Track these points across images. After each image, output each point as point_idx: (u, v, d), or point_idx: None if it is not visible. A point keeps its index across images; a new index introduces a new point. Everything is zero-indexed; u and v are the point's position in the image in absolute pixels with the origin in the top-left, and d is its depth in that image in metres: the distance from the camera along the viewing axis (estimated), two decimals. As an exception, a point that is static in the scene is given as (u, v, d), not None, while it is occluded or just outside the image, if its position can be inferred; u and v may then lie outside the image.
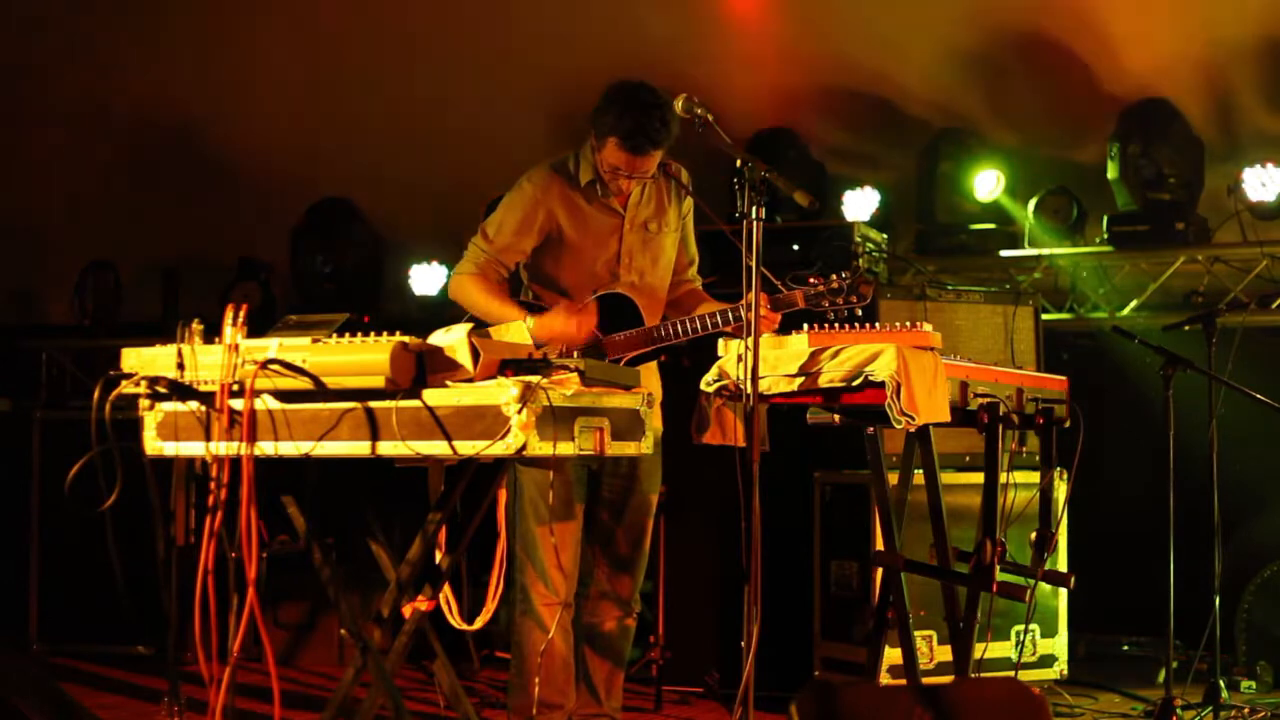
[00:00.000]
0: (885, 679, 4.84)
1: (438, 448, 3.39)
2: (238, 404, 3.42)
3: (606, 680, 4.62)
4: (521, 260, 4.53)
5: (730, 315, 4.33)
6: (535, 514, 4.39)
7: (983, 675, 4.62)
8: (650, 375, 4.55)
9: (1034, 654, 5.48)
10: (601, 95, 4.38)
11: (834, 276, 4.20)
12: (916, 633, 4.69)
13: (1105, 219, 6.52)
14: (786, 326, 4.03)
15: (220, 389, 3.42)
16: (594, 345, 4.41)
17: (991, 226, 6.77)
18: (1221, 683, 5.16)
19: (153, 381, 3.49)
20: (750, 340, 3.62)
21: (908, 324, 3.89)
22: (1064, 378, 4.40)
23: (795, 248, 5.96)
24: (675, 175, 4.57)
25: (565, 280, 4.51)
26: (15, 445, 6.83)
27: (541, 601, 4.42)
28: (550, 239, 4.49)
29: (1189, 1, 6.70)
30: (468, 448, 3.37)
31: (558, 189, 4.47)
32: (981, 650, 4.41)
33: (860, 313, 4.19)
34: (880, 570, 4.40)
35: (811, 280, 4.19)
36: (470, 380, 3.43)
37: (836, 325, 3.98)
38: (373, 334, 3.44)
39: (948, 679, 4.48)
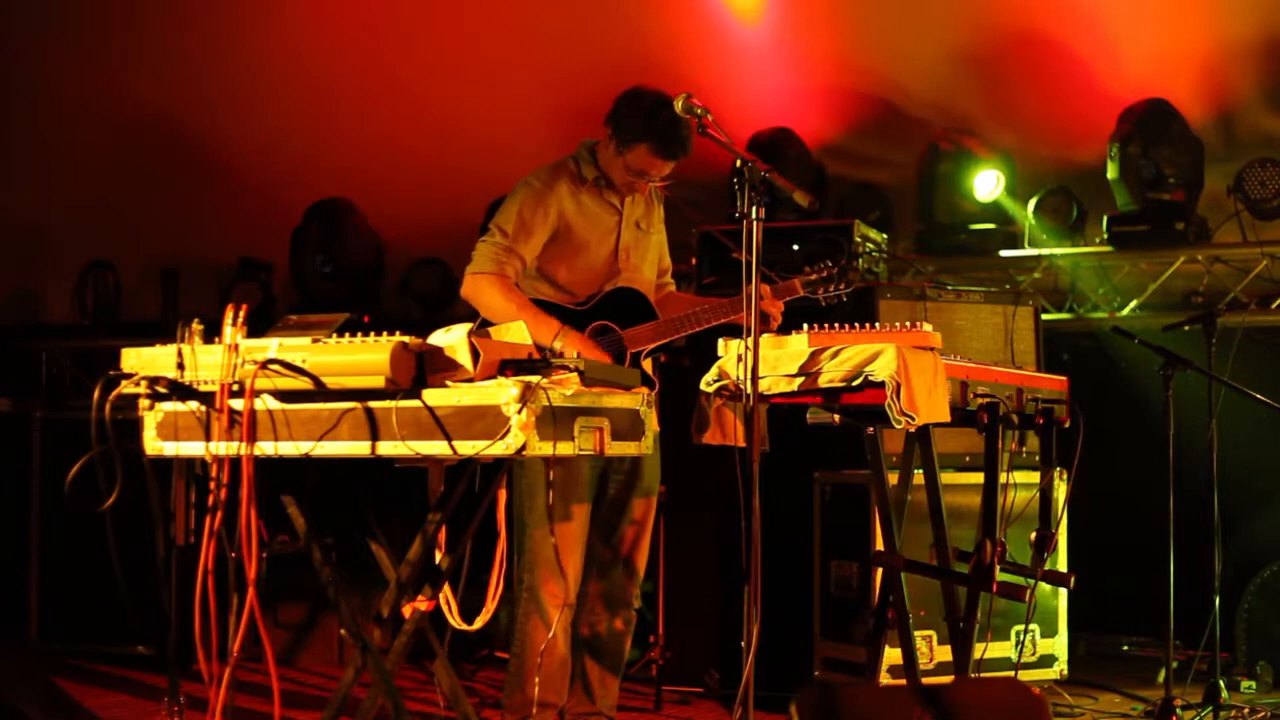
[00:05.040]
0: (885, 679, 4.84)
1: (438, 448, 3.39)
2: (238, 404, 3.42)
3: (601, 680, 4.63)
4: (535, 256, 4.54)
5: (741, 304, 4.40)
6: (546, 514, 4.39)
7: (983, 675, 4.62)
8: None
9: (1034, 654, 5.48)
10: (623, 101, 4.50)
11: (820, 266, 4.50)
12: (916, 633, 4.69)
13: (1105, 219, 6.52)
14: (786, 325, 4.03)
15: (220, 389, 3.42)
16: (614, 341, 4.46)
17: (991, 226, 6.77)
18: (1221, 683, 5.16)
19: (153, 381, 3.49)
20: (750, 340, 3.62)
21: (908, 324, 3.89)
22: (1064, 378, 4.39)
23: (795, 248, 5.96)
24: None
25: (567, 276, 4.57)
26: (15, 445, 6.82)
27: (551, 602, 4.43)
28: (557, 235, 4.55)
29: (1189, 1, 6.70)
30: (468, 448, 3.37)
31: (564, 186, 4.55)
32: (981, 650, 4.41)
33: (847, 298, 4.51)
34: (880, 570, 4.40)
35: (806, 269, 4.49)
36: (470, 380, 3.43)
37: (837, 325, 3.98)
38: (373, 334, 3.44)
39: (948, 679, 4.48)
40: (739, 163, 3.73)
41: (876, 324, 3.96)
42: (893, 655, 4.81)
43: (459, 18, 7.69)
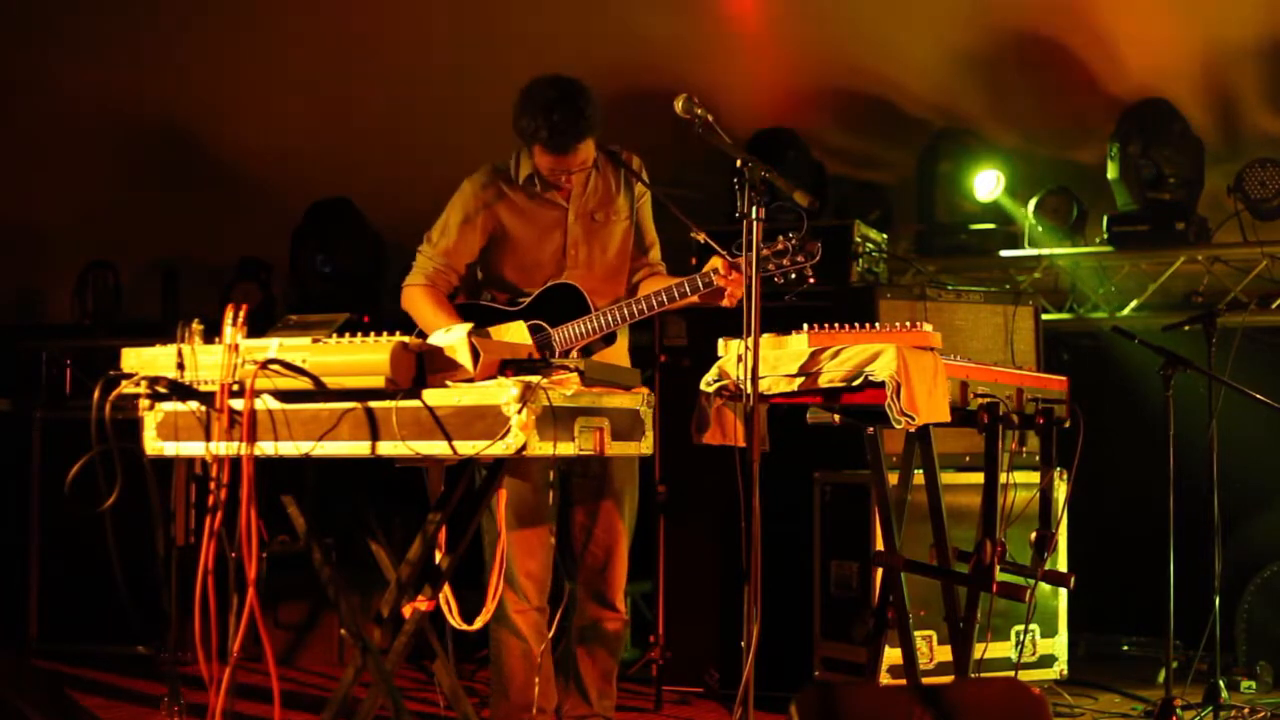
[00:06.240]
0: (885, 679, 4.84)
1: (438, 448, 3.40)
2: (238, 404, 3.42)
3: (597, 682, 4.61)
4: (471, 261, 4.56)
5: (686, 287, 4.36)
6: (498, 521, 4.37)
7: (983, 675, 4.62)
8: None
9: (1034, 654, 5.48)
10: (515, 104, 4.42)
11: (780, 238, 4.17)
12: (916, 633, 4.69)
13: (1105, 219, 6.51)
14: (786, 326, 4.02)
15: (220, 389, 3.42)
16: (543, 341, 4.42)
17: (991, 226, 6.77)
18: (1221, 683, 5.16)
19: (153, 381, 3.49)
20: (750, 340, 3.62)
21: (908, 324, 3.89)
22: (1064, 378, 4.39)
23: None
24: (626, 163, 4.59)
25: (513, 276, 4.55)
26: (15, 445, 6.82)
27: (513, 609, 4.44)
28: (495, 238, 4.54)
29: (1189, 1, 6.69)
30: (468, 448, 3.37)
31: (496, 188, 4.54)
32: (981, 650, 4.41)
33: (810, 273, 4.14)
34: (880, 570, 4.40)
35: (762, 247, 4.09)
36: (470, 380, 3.43)
37: (837, 325, 3.96)
38: (373, 334, 3.44)
39: (948, 679, 4.48)
40: (739, 163, 3.73)
41: (876, 324, 3.95)
42: (893, 655, 4.81)
43: (460, 18, 7.68)
